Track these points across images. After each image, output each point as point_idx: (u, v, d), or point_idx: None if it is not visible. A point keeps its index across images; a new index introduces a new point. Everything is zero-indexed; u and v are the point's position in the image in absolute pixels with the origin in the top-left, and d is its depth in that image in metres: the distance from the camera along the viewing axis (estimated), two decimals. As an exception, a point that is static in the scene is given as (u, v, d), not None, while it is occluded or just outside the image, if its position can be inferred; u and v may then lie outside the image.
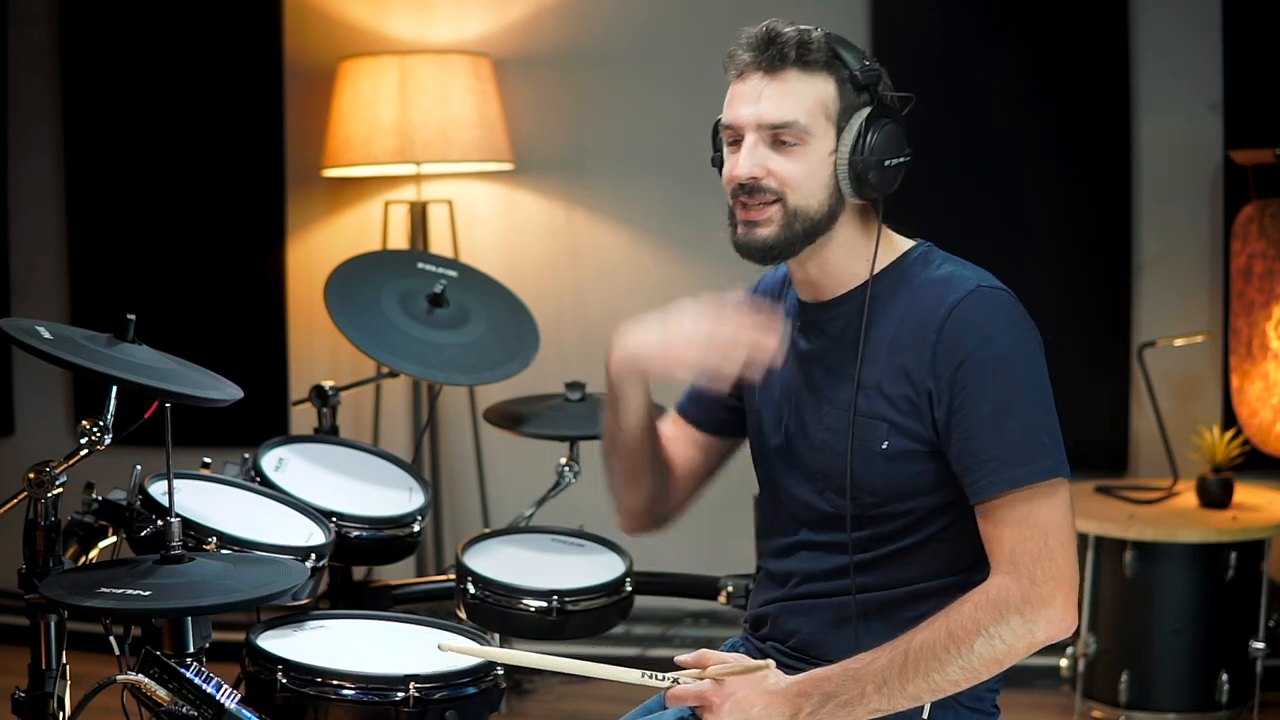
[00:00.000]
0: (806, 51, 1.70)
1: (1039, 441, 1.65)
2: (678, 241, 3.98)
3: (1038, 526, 1.63)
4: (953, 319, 1.68)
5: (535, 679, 3.91)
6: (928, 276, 1.74)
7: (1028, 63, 3.74)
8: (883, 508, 1.74)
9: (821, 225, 1.73)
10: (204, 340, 3.24)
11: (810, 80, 1.71)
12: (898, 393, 1.71)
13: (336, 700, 1.73)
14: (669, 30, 3.95)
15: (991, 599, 1.62)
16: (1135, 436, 3.75)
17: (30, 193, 4.28)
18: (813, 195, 1.72)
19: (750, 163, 1.71)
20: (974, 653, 1.62)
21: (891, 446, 1.71)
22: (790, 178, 1.71)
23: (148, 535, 1.80)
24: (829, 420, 1.77)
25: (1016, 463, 1.64)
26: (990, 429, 1.65)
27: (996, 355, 1.67)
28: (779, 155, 1.71)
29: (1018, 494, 1.64)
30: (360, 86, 3.74)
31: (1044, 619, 1.62)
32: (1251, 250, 3.41)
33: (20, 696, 1.67)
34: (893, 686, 1.63)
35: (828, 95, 1.71)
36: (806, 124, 1.70)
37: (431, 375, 2.40)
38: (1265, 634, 3.21)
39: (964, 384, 1.66)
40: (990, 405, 1.65)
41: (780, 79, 1.70)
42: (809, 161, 1.71)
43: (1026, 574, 1.62)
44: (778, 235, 1.73)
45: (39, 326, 1.70)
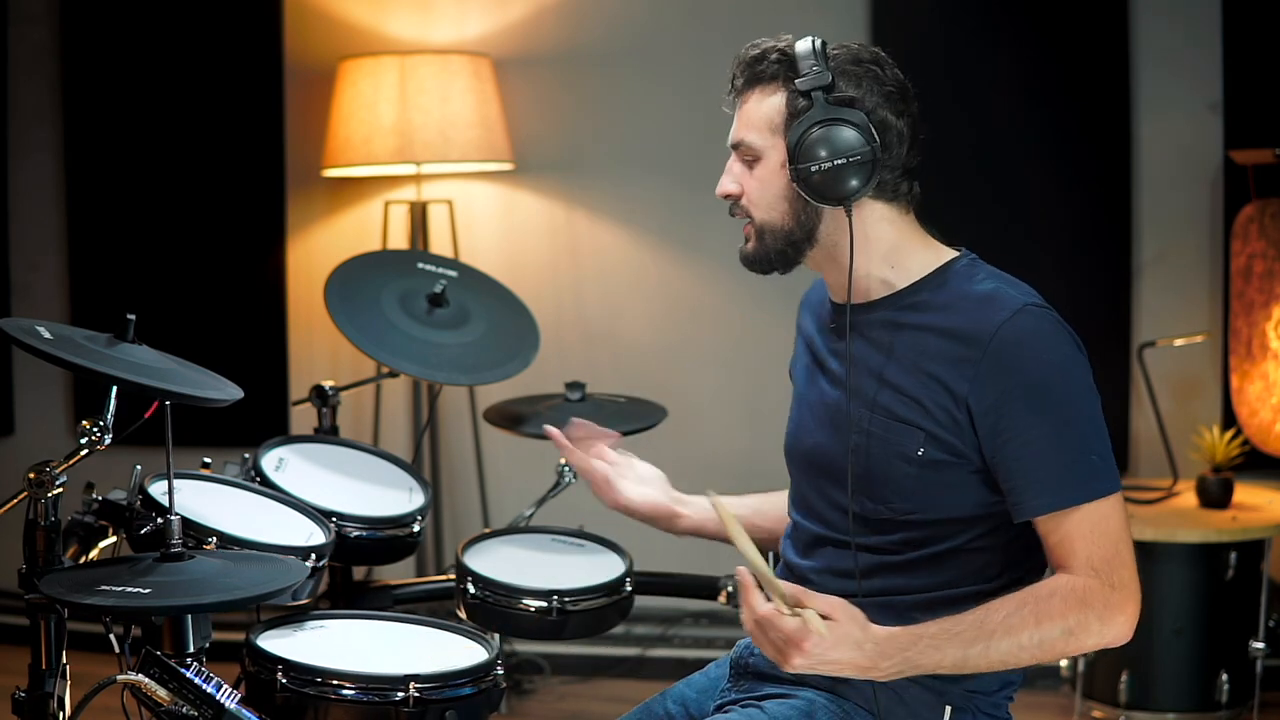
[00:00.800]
0: (761, 69, 1.77)
1: (1088, 462, 1.67)
2: (678, 241, 3.98)
3: (1108, 535, 1.65)
4: (999, 338, 1.67)
5: (535, 679, 3.91)
6: (972, 290, 1.74)
7: (1028, 63, 3.74)
8: (913, 514, 1.74)
9: (796, 235, 1.78)
10: (204, 340, 3.24)
11: (765, 97, 1.77)
12: (936, 403, 1.70)
13: (336, 700, 1.73)
14: (669, 30, 3.95)
15: (1079, 598, 1.63)
16: (1135, 436, 3.75)
17: (30, 193, 4.28)
18: (773, 209, 1.78)
19: (729, 179, 1.81)
20: (1052, 644, 1.63)
21: (926, 454, 1.71)
22: (750, 193, 1.79)
23: (148, 534, 1.80)
24: (864, 424, 1.77)
25: (1068, 486, 1.65)
26: (1040, 452, 1.66)
27: (1046, 377, 1.67)
28: (745, 173, 1.79)
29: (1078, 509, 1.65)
30: (360, 86, 3.74)
31: (1115, 625, 1.64)
32: (1251, 250, 3.42)
33: (20, 696, 1.67)
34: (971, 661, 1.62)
35: (775, 109, 1.76)
36: (753, 141, 1.77)
37: (431, 375, 2.40)
38: (1265, 634, 3.21)
39: (1013, 407, 1.66)
40: (1041, 429, 1.66)
41: (743, 102, 1.80)
42: (763, 177, 1.77)
43: (1106, 581, 1.64)
44: (754, 250, 1.81)
45: (39, 326, 1.70)
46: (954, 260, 1.79)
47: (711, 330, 3.98)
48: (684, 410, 3.28)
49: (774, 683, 1.85)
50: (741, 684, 1.90)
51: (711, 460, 3.80)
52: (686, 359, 4.01)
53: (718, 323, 3.96)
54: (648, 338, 4.03)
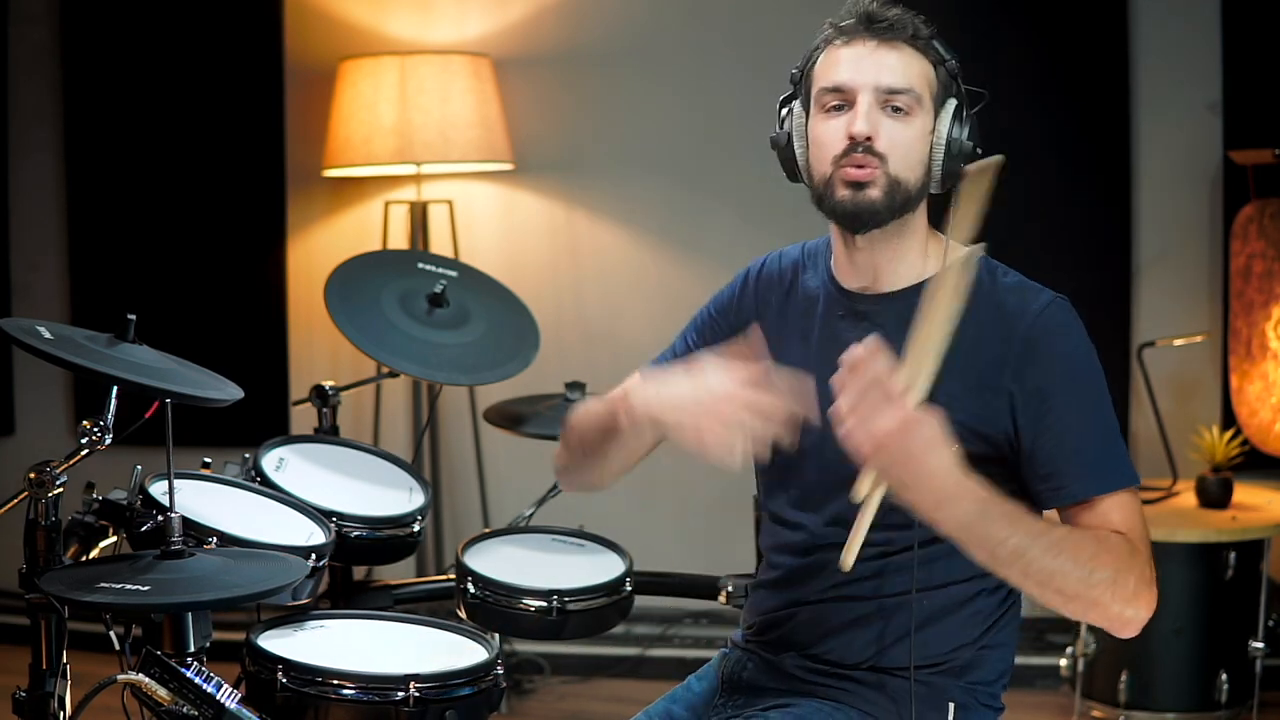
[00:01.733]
0: (919, 34, 1.75)
1: (1121, 449, 1.70)
2: (678, 241, 3.98)
3: (1140, 521, 1.67)
4: (1038, 326, 1.69)
5: (535, 679, 3.91)
6: (1001, 282, 1.76)
7: (1028, 63, 3.74)
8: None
9: (912, 202, 1.75)
10: (204, 340, 3.24)
11: (920, 58, 1.75)
12: (972, 397, 1.69)
13: (336, 700, 1.73)
14: (669, 30, 3.95)
15: (1130, 552, 1.61)
16: (1135, 436, 3.75)
17: (30, 193, 4.28)
18: (911, 168, 1.73)
19: (868, 121, 1.71)
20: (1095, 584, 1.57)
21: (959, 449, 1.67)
22: (898, 143, 1.72)
23: (148, 531, 1.80)
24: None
25: (1106, 470, 1.67)
26: (1081, 438, 1.68)
27: (1080, 365, 1.70)
28: (889, 121, 1.72)
29: (1114, 496, 1.66)
30: (360, 86, 3.75)
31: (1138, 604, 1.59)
32: (1251, 250, 3.42)
33: (21, 696, 1.67)
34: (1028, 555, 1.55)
35: (931, 74, 1.75)
36: (919, 93, 1.73)
37: (431, 375, 2.40)
38: (1264, 634, 3.21)
39: (1052, 393, 1.67)
40: (1079, 415, 1.68)
41: (894, 47, 1.73)
42: (914, 132, 1.73)
43: (1143, 556, 1.63)
44: (882, 199, 1.72)
45: (39, 326, 1.70)
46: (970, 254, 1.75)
47: (711, 330, 3.98)
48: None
49: (771, 695, 1.83)
50: (736, 699, 1.87)
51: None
52: (686, 359, 4.01)
53: (718, 323, 3.95)
54: (648, 338, 4.01)
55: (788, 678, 1.82)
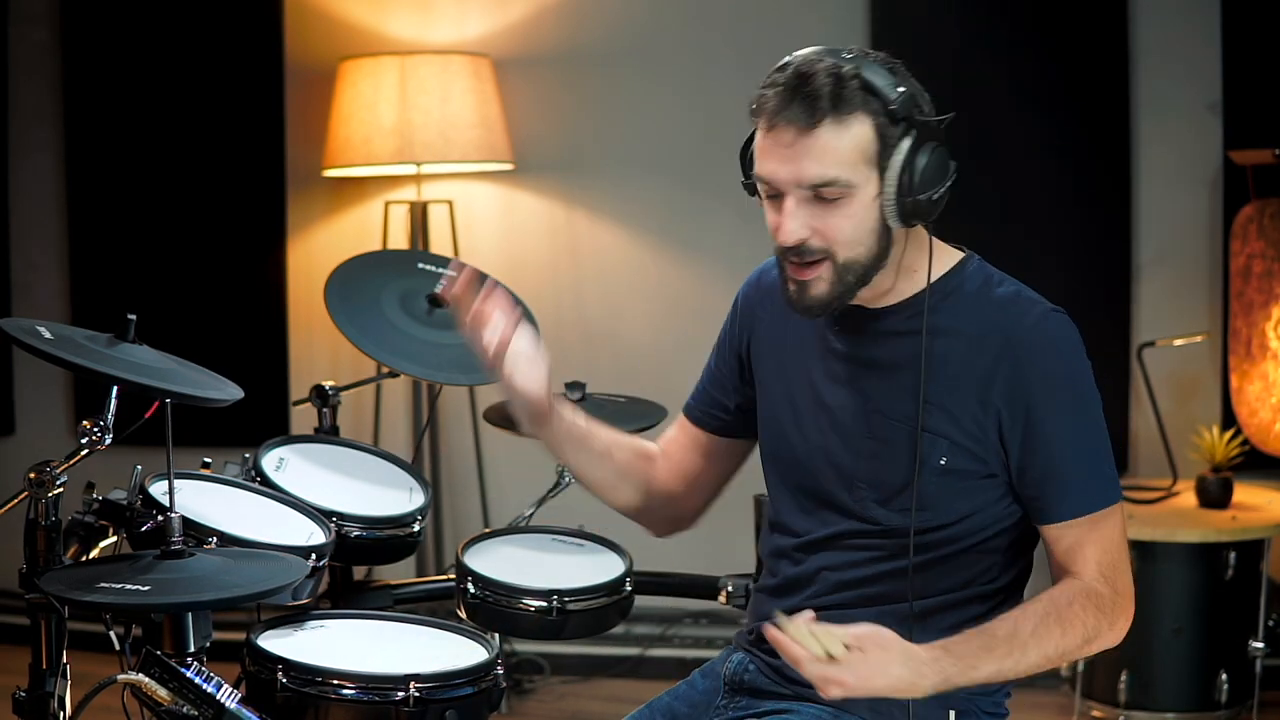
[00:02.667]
0: (840, 100, 1.59)
1: (1108, 469, 1.71)
2: (678, 241, 3.98)
3: (1115, 543, 1.70)
4: (1029, 342, 1.67)
5: (535, 679, 3.91)
6: (994, 294, 1.72)
7: (1028, 63, 3.74)
8: (928, 521, 1.72)
9: (874, 266, 1.67)
10: (204, 340, 3.24)
11: (846, 128, 1.60)
12: (963, 410, 1.68)
13: (336, 700, 1.73)
14: (669, 30, 3.95)
15: (1095, 604, 1.66)
16: (1135, 436, 3.75)
17: (30, 193, 4.28)
18: (861, 244, 1.65)
19: (795, 225, 1.63)
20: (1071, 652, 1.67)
21: (949, 463, 1.69)
22: (837, 235, 1.63)
23: (148, 531, 1.80)
24: (880, 431, 1.73)
25: (1093, 489, 1.69)
26: (1070, 455, 1.68)
27: (1074, 383, 1.69)
28: (823, 211, 1.63)
29: (1091, 516, 1.69)
30: (360, 86, 3.74)
31: (1118, 630, 1.68)
32: (1251, 250, 3.42)
33: (20, 696, 1.67)
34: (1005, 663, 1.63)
35: (865, 139, 1.61)
36: (849, 178, 1.61)
37: (431, 375, 2.40)
38: (1264, 634, 3.21)
39: (1045, 409, 1.66)
40: (1068, 432, 1.68)
41: (816, 134, 1.59)
42: (854, 213, 1.63)
43: (1112, 585, 1.68)
44: (830, 292, 1.66)
45: (39, 326, 1.70)
46: (963, 263, 1.76)
47: (711, 330, 3.96)
48: (684, 410, 3.28)
49: (773, 698, 1.83)
50: (738, 700, 1.87)
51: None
52: (686, 359, 3.98)
53: (718, 323, 3.95)
54: (648, 338, 4.03)
55: (789, 682, 1.81)
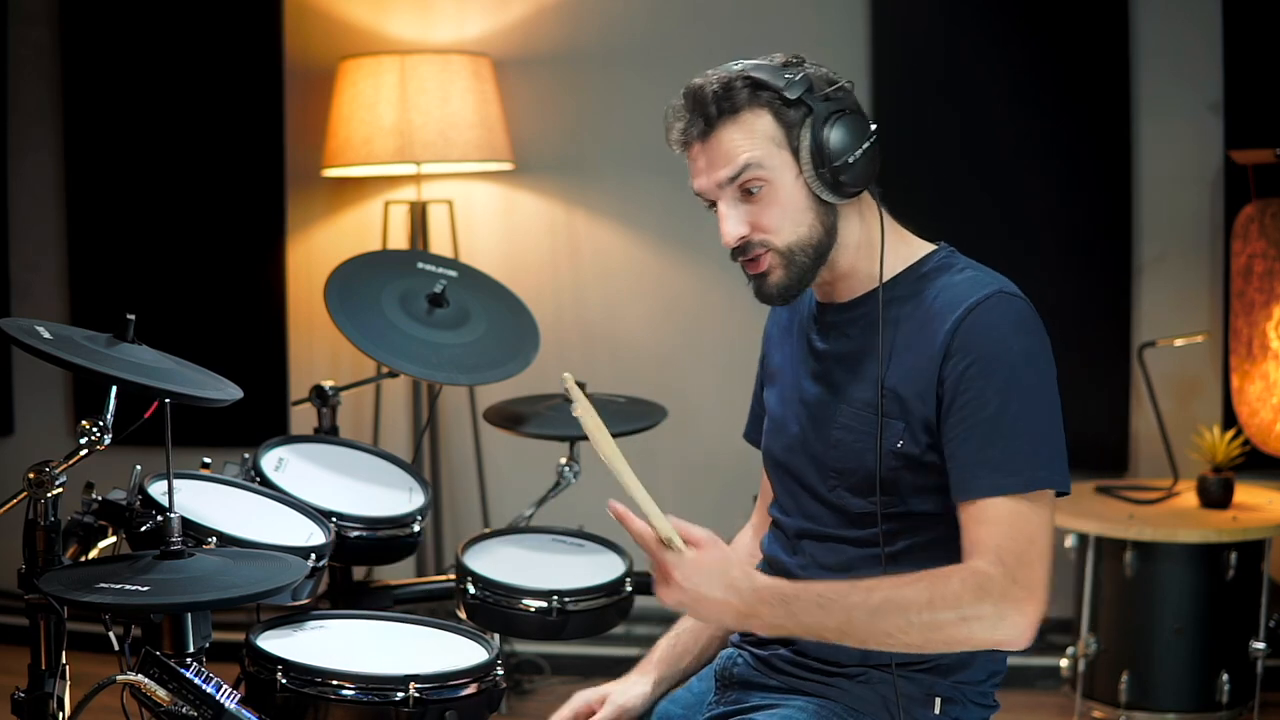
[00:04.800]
0: (728, 100, 1.70)
1: (1035, 452, 1.65)
2: (678, 241, 3.98)
3: (1025, 532, 1.63)
4: (969, 320, 1.68)
5: (535, 679, 3.91)
6: (948, 280, 1.75)
7: (1028, 63, 3.74)
8: (895, 506, 1.74)
9: (824, 242, 1.74)
10: (204, 340, 3.24)
11: (743, 123, 1.70)
12: (913, 393, 1.71)
13: (336, 700, 1.73)
14: (669, 30, 3.95)
15: (977, 582, 1.60)
16: (1135, 436, 3.75)
17: (30, 192, 4.28)
18: (799, 225, 1.72)
19: (731, 226, 1.73)
20: (941, 627, 1.60)
21: (905, 447, 1.71)
22: (771, 223, 1.72)
23: (147, 532, 1.80)
24: (845, 419, 1.77)
25: (1009, 470, 1.64)
26: (986, 433, 1.65)
27: (1006, 360, 1.66)
28: (752, 206, 1.72)
29: (1002, 500, 1.64)
30: (360, 86, 3.74)
31: (1011, 621, 1.61)
32: (1251, 250, 3.41)
33: (20, 696, 1.67)
34: (855, 625, 1.61)
35: (766, 127, 1.71)
36: (761, 162, 1.70)
37: (431, 375, 2.40)
38: (1265, 634, 3.21)
39: (969, 384, 1.66)
40: (992, 410, 1.65)
41: (716, 138, 1.71)
42: (781, 199, 1.71)
43: (1010, 572, 1.61)
44: (785, 277, 1.74)
45: (39, 326, 1.70)
46: (931, 254, 1.80)
47: (711, 330, 3.98)
48: (684, 410, 3.28)
49: (761, 691, 1.84)
50: (728, 695, 1.89)
51: (711, 460, 3.80)
52: (686, 359, 4.01)
53: (717, 323, 3.96)
54: (648, 338, 4.03)
55: (777, 673, 1.83)
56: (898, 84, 3.71)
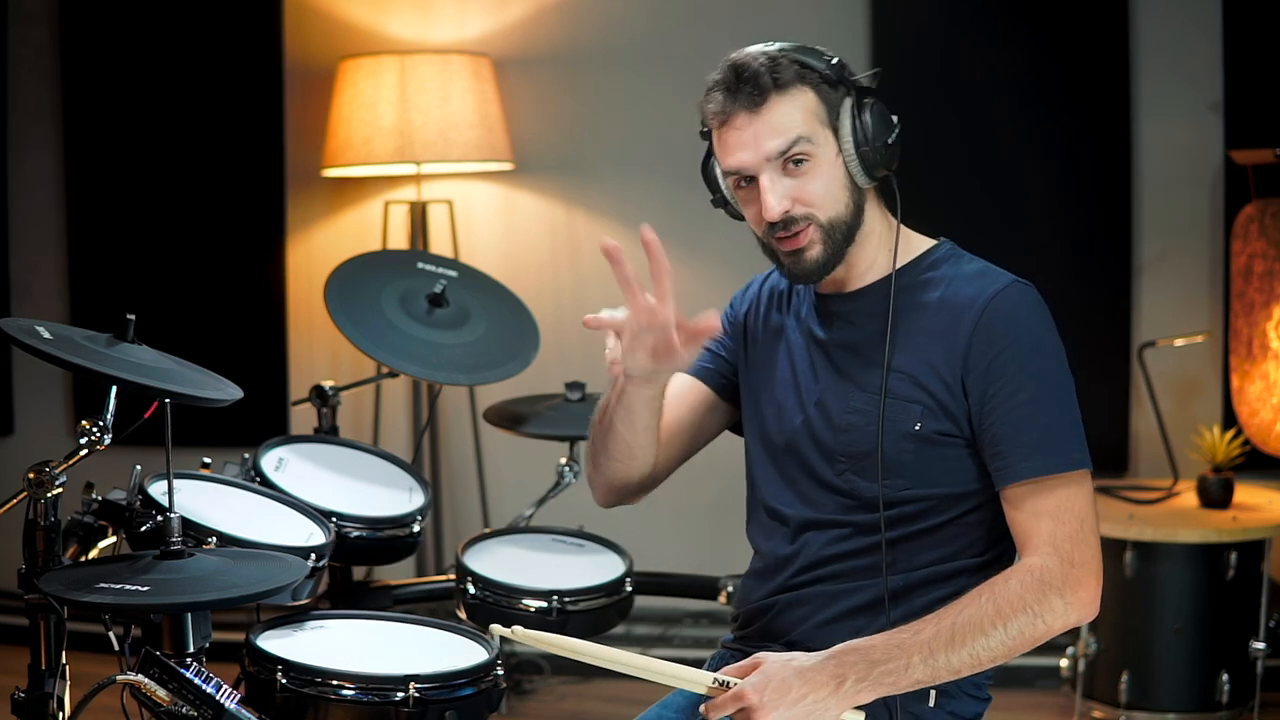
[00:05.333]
0: (778, 74, 1.74)
1: (1070, 433, 1.71)
2: (678, 241, 3.97)
3: (1074, 512, 1.68)
4: (991, 309, 1.72)
5: (535, 679, 3.91)
6: (962, 270, 1.79)
7: (1028, 63, 3.74)
8: (908, 490, 1.76)
9: (855, 223, 1.79)
10: (204, 340, 3.24)
11: (792, 98, 1.74)
12: (932, 379, 1.74)
13: (336, 700, 1.73)
14: (669, 30, 3.95)
15: (1036, 579, 1.65)
16: (1135, 436, 3.75)
17: (30, 192, 4.28)
18: (837, 200, 1.76)
19: (775, 199, 1.74)
20: (1017, 629, 1.64)
21: (925, 428, 1.74)
22: (814, 197, 1.75)
23: (147, 532, 1.80)
24: (856, 403, 1.79)
25: (1050, 451, 1.69)
26: (1026, 417, 1.69)
27: (1034, 347, 1.72)
28: (795, 181, 1.75)
29: (1052, 480, 1.69)
30: (360, 86, 3.74)
31: (1079, 601, 1.66)
32: (1252, 250, 3.41)
33: (20, 696, 1.67)
34: (938, 658, 1.63)
35: (811, 105, 1.75)
36: (808, 136, 1.74)
37: (431, 375, 2.40)
38: (1265, 634, 3.20)
39: (1001, 372, 1.70)
40: (1027, 394, 1.70)
41: (765, 110, 1.74)
42: (823, 173, 1.75)
43: (1066, 557, 1.66)
44: (825, 253, 1.77)
45: (39, 326, 1.70)
46: (934, 247, 1.85)
47: (711, 330, 3.98)
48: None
49: None
50: None
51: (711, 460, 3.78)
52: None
53: (718, 323, 3.95)
54: (648, 338, 4.03)
55: None
56: (898, 84, 3.71)
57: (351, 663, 1.78)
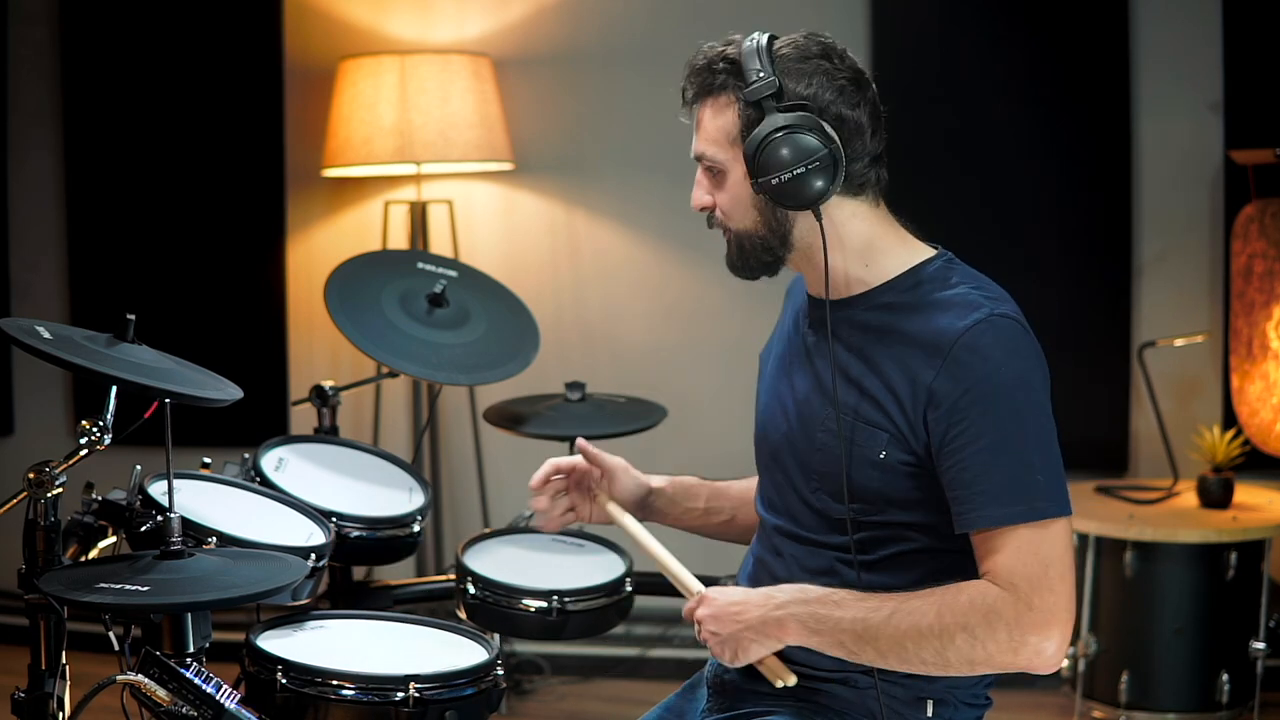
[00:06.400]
0: (710, 81, 1.75)
1: (1033, 481, 1.62)
2: (678, 241, 3.97)
3: (1038, 555, 1.61)
4: (959, 345, 1.65)
5: (535, 679, 3.91)
6: (941, 295, 1.71)
7: (1028, 63, 3.74)
8: (874, 515, 1.73)
9: (774, 242, 1.76)
10: (204, 340, 3.24)
11: (718, 108, 1.75)
12: (898, 407, 1.69)
13: (336, 700, 1.73)
14: (669, 30, 3.95)
15: (988, 604, 1.60)
16: (1135, 436, 3.75)
17: (30, 192, 4.28)
18: (745, 218, 1.76)
19: (697, 193, 1.79)
20: (954, 645, 1.61)
21: (889, 457, 1.69)
22: (723, 206, 1.77)
23: (147, 532, 1.80)
24: (829, 424, 1.76)
25: (1007, 501, 1.62)
26: (984, 465, 1.63)
27: (998, 389, 1.64)
28: (713, 185, 1.78)
29: (1013, 529, 1.62)
30: (360, 86, 3.74)
31: (1032, 648, 1.59)
32: (1252, 250, 3.41)
33: (20, 696, 1.67)
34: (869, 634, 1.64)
35: (729, 121, 1.74)
36: (714, 154, 1.75)
37: (431, 375, 2.40)
38: (1265, 634, 3.21)
39: (962, 415, 1.64)
40: (987, 440, 1.63)
41: (698, 114, 1.78)
42: (731, 190, 1.75)
43: (1024, 598, 1.59)
44: (735, 258, 1.80)
45: (39, 326, 1.70)
46: (928, 261, 1.77)
47: (711, 330, 3.98)
48: (684, 410, 3.28)
49: (753, 698, 1.83)
50: (721, 702, 1.88)
51: (711, 460, 3.78)
52: (686, 359, 4.01)
53: (718, 323, 3.96)
54: (648, 338, 4.03)
55: (766, 680, 1.82)
56: (897, 84, 3.71)
57: (351, 663, 1.78)
